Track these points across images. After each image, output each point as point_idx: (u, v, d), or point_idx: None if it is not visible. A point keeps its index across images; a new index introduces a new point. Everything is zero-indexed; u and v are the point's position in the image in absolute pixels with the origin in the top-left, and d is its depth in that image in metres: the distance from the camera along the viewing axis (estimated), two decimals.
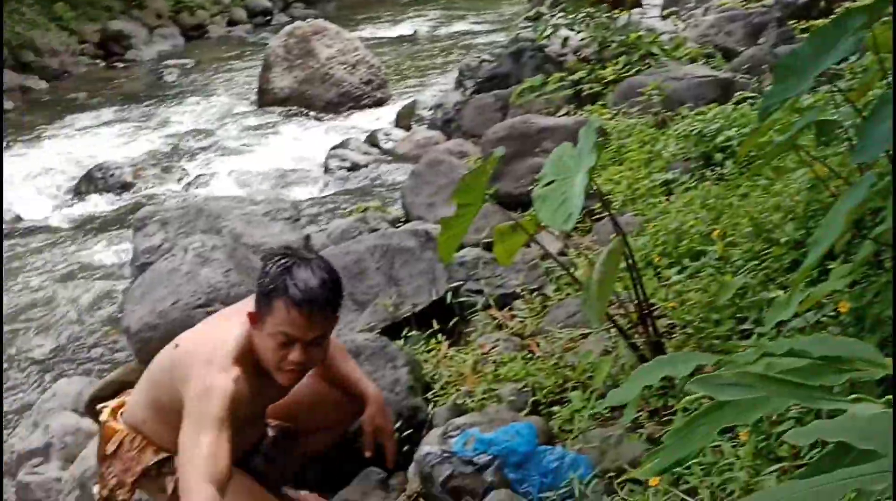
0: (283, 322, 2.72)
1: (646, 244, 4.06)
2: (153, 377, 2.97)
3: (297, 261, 2.77)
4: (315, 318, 2.73)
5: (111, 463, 2.99)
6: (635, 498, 2.59)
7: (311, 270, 2.75)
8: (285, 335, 2.73)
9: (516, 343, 3.94)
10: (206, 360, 2.74)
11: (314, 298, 2.71)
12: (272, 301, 2.72)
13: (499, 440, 3.02)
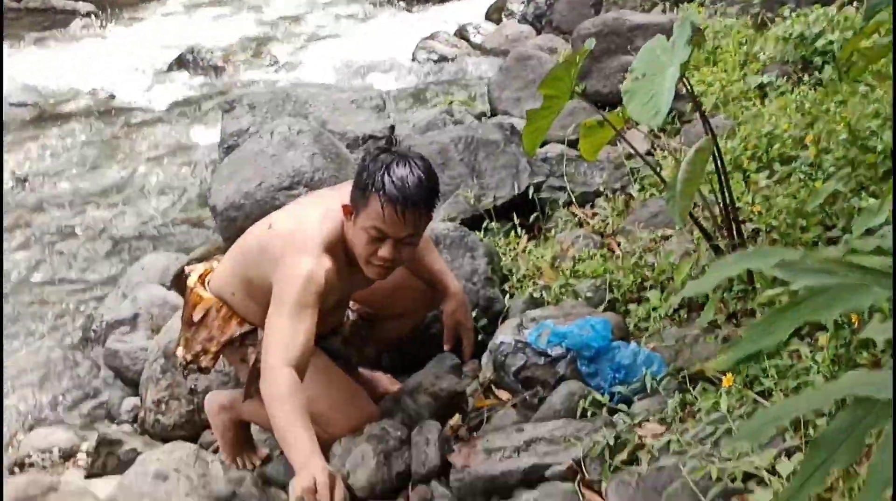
0: (376, 218, 2.73)
1: (735, 147, 3.97)
2: (244, 253, 3.01)
3: (398, 159, 2.77)
4: (409, 216, 2.73)
5: (197, 330, 3.07)
6: (707, 398, 2.59)
7: (409, 168, 2.75)
8: (378, 230, 2.74)
9: (596, 241, 3.92)
10: (299, 247, 2.77)
11: (410, 196, 2.72)
12: (368, 196, 2.73)
13: (573, 333, 3.04)
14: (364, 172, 2.77)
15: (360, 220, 2.77)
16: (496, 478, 2.62)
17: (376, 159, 2.78)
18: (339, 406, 2.95)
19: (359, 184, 2.78)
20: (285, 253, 2.79)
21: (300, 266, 2.73)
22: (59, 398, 4.18)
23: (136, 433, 3.75)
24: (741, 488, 2.07)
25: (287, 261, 2.76)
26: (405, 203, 2.71)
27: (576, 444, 2.62)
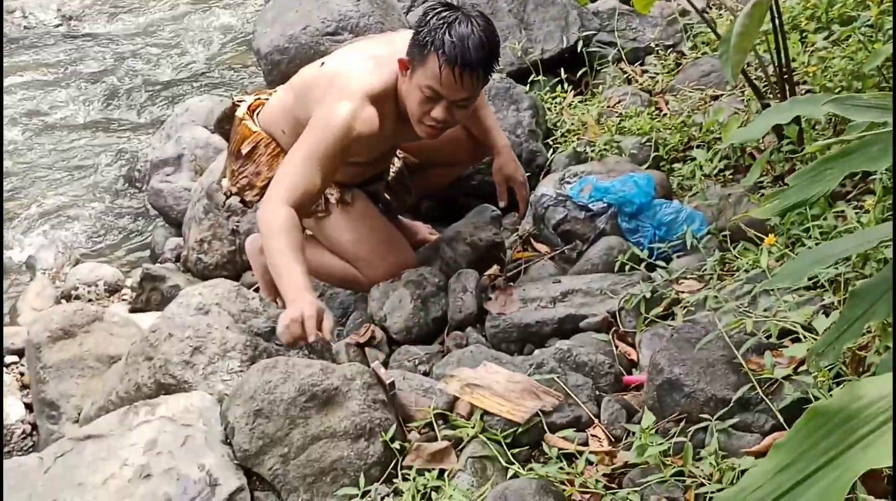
0: (433, 78, 2.62)
1: (794, 6, 3.82)
2: (295, 91, 2.95)
3: (460, 17, 2.62)
4: (466, 79, 2.62)
5: (244, 163, 3.05)
6: (748, 255, 2.58)
7: (471, 28, 2.60)
8: (433, 90, 2.64)
9: (644, 99, 3.84)
10: (342, 91, 2.71)
11: (469, 59, 2.59)
12: (426, 54, 2.61)
13: (616, 189, 3.02)
14: (424, 28, 2.63)
15: (416, 77, 2.66)
16: (531, 326, 2.65)
17: (438, 15, 2.64)
18: (378, 251, 2.98)
19: (418, 40, 2.64)
20: (327, 94, 2.73)
21: (336, 111, 2.68)
22: (104, 235, 4.27)
23: (178, 271, 3.82)
24: (776, 344, 2.08)
25: (326, 102, 2.72)
26: (464, 65, 2.59)
27: (612, 297, 2.63)
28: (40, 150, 4.94)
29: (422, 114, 2.70)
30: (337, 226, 3.03)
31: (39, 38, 6.22)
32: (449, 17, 2.62)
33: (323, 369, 2.26)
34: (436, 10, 2.66)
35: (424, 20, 2.66)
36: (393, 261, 2.99)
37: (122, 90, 5.51)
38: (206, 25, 6.23)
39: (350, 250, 3.02)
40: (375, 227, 3.04)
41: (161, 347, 2.54)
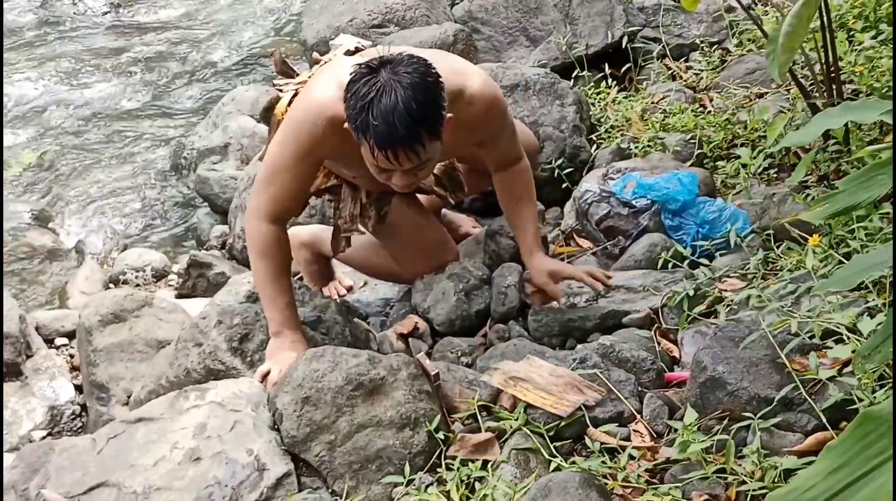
0: (374, 158, 2.38)
1: (842, 5, 3.81)
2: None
3: (381, 89, 2.26)
4: (402, 155, 2.33)
5: None
6: (791, 256, 2.59)
7: (395, 98, 2.25)
8: (378, 167, 2.42)
9: (688, 95, 3.84)
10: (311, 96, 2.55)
11: (399, 137, 2.28)
12: (358, 136, 2.34)
13: (659, 186, 3.03)
14: (352, 106, 2.32)
15: (363, 151, 2.41)
16: (573, 321, 2.67)
17: (357, 94, 2.30)
18: (421, 246, 3.01)
19: (349, 117, 2.35)
20: (307, 91, 2.58)
21: (294, 118, 2.55)
22: (151, 221, 4.34)
23: (224, 258, 3.88)
24: (819, 344, 2.09)
25: (296, 105, 2.60)
26: (395, 145, 2.30)
27: (654, 294, 2.65)
28: (88, 136, 5.03)
29: (384, 179, 2.48)
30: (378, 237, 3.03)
31: (88, 25, 6.31)
32: (369, 95, 2.28)
33: (370, 358, 2.31)
34: (355, 87, 2.32)
35: (351, 96, 2.33)
36: (435, 256, 3.02)
37: (169, 78, 5.58)
38: (255, 14, 6.29)
39: (388, 244, 3.05)
40: (415, 237, 2.99)
41: (210, 333, 2.59)
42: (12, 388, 3.11)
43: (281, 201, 2.57)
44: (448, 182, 3.08)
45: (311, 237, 3.25)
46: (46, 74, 5.65)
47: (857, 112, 1.44)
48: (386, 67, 2.30)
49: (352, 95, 2.31)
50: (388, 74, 2.28)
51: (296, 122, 2.53)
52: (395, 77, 2.27)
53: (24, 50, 5.96)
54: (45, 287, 3.88)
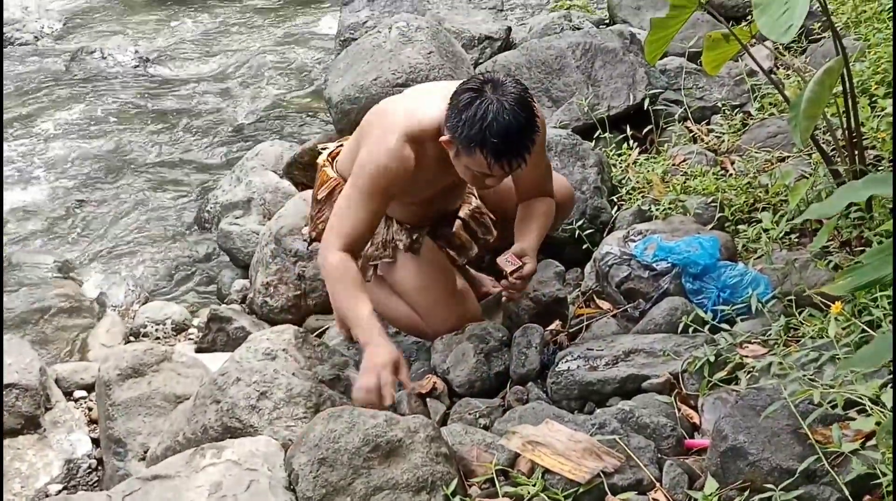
0: (482, 167, 2.65)
1: (864, 70, 3.82)
2: (359, 131, 3.00)
3: (495, 108, 2.56)
4: (515, 163, 2.65)
5: (322, 208, 3.13)
6: (813, 323, 2.57)
7: (511, 115, 2.56)
8: (484, 173, 2.70)
9: (710, 158, 3.85)
10: (383, 130, 2.77)
11: (514, 150, 2.61)
12: (471, 148, 2.61)
13: (680, 249, 3.02)
14: (462, 121, 2.59)
15: (464, 160, 2.68)
16: (592, 384, 2.65)
17: (469, 107, 2.58)
18: (442, 302, 3.02)
19: (458, 131, 2.61)
20: (370, 134, 2.82)
21: (372, 151, 2.76)
22: (173, 274, 4.37)
23: (244, 312, 3.90)
24: (842, 415, 2.06)
25: (368, 143, 2.81)
26: (511, 157, 2.62)
27: (675, 358, 2.63)
28: (113, 188, 5.09)
29: (477, 183, 2.84)
30: (404, 271, 3.08)
31: (117, 78, 6.42)
32: (481, 110, 2.57)
33: (387, 420, 2.30)
34: (468, 99, 2.61)
35: (457, 112, 2.62)
36: (457, 313, 3.02)
37: (194, 132, 5.66)
38: (280, 69, 6.39)
39: (415, 297, 3.06)
40: (441, 277, 3.07)
41: (229, 390, 2.60)
42: (30, 440, 3.11)
43: (353, 236, 2.78)
44: (477, 227, 3.20)
45: None
46: (74, 125, 5.74)
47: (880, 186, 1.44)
48: (489, 87, 2.61)
49: (463, 113, 2.59)
50: (496, 94, 2.59)
51: (370, 166, 2.74)
52: (504, 97, 2.58)
53: (52, 102, 6.07)
54: (66, 339, 3.90)
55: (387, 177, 2.73)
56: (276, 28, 7.15)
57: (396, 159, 2.72)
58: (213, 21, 7.38)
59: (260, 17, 7.41)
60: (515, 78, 2.72)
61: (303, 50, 6.65)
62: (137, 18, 7.54)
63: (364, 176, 2.75)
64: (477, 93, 2.61)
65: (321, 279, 3.59)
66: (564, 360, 2.74)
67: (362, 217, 2.77)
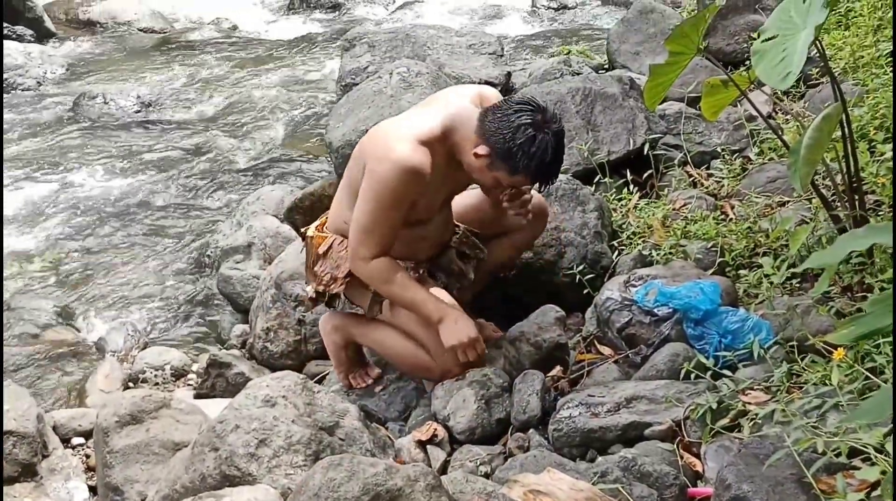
0: (517, 183, 2.90)
1: (862, 116, 3.84)
2: (349, 172, 3.07)
3: (546, 137, 2.79)
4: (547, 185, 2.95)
5: (323, 263, 3.16)
6: (816, 369, 2.55)
7: (556, 149, 2.83)
8: (512, 186, 2.93)
9: (710, 203, 3.86)
10: (392, 137, 2.88)
11: (553, 177, 2.91)
12: (514, 168, 2.82)
13: (681, 295, 3.02)
14: (516, 150, 2.78)
15: (498, 173, 2.87)
16: (594, 432, 2.64)
17: (527, 138, 2.78)
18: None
19: (507, 155, 2.80)
20: (377, 144, 2.91)
21: (388, 155, 2.83)
22: (172, 320, 4.35)
23: (243, 357, 3.88)
24: (846, 463, 2.05)
25: (378, 152, 2.87)
26: (549, 181, 2.92)
27: (677, 405, 2.62)
28: (114, 233, 5.09)
29: (494, 190, 3.01)
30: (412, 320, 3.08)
31: (119, 123, 6.45)
32: (541, 146, 2.79)
33: (387, 469, 2.27)
34: (524, 130, 2.79)
35: (511, 135, 2.78)
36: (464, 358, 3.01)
37: (195, 176, 5.67)
38: (281, 114, 6.42)
39: (422, 332, 3.06)
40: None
41: (227, 438, 2.58)
42: (27, 488, 3.08)
43: (382, 244, 2.95)
44: (469, 250, 3.29)
45: (344, 321, 3.29)
46: (76, 170, 5.76)
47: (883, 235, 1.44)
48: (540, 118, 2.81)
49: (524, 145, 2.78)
50: (548, 127, 2.81)
51: (388, 174, 2.82)
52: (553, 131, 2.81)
53: (54, 147, 6.09)
54: (64, 385, 3.87)
55: (406, 181, 2.83)
56: (277, 73, 7.21)
57: (415, 161, 2.82)
58: (214, 66, 7.45)
59: (261, 63, 7.48)
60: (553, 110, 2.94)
61: (304, 95, 6.70)
62: (139, 63, 7.60)
63: (382, 187, 2.84)
64: (534, 124, 2.79)
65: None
66: (566, 406, 2.73)
67: (389, 227, 2.92)
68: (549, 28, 7.93)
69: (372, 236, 2.92)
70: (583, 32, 7.68)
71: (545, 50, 7.08)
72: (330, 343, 3.32)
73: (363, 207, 2.91)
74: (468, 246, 3.31)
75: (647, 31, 5.86)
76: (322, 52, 7.60)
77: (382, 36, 5.86)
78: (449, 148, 2.92)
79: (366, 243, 2.93)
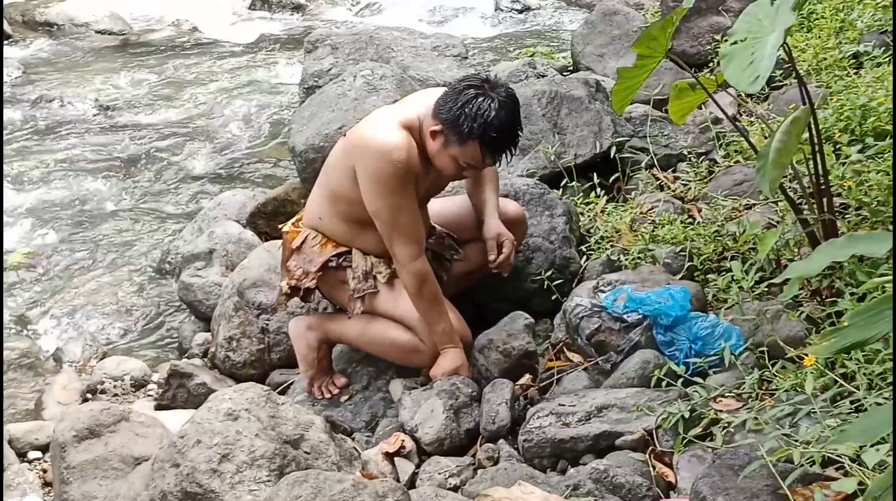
0: (472, 158, 2.91)
1: (827, 118, 3.83)
2: (326, 172, 3.17)
3: (494, 104, 2.84)
4: (503, 156, 2.97)
5: (296, 258, 3.19)
6: (787, 375, 2.53)
7: (506, 114, 2.86)
8: (471, 164, 2.93)
9: (677, 206, 3.84)
10: (376, 135, 2.91)
11: (508, 145, 2.93)
12: (466, 139, 2.86)
13: (651, 300, 2.99)
14: (459, 114, 2.84)
15: (452, 150, 2.90)
16: (565, 442, 2.59)
17: (472, 103, 2.84)
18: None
19: (454, 123, 2.85)
20: (362, 141, 2.94)
21: (380, 154, 2.87)
22: (132, 328, 4.26)
23: (205, 367, 3.80)
24: (821, 473, 2.02)
25: (365, 145, 2.91)
26: (504, 150, 2.93)
27: (648, 414, 2.58)
28: (72, 239, 4.97)
29: (454, 171, 3.00)
30: (390, 297, 3.11)
31: (76, 127, 6.32)
32: (483, 106, 2.84)
33: (354, 484, 2.22)
34: (468, 95, 2.86)
35: (458, 105, 2.86)
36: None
37: (155, 181, 5.57)
38: (243, 118, 6.32)
39: (409, 314, 3.08)
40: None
41: (189, 453, 2.51)
42: None
43: (419, 235, 3.00)
44: (444, 250, 3.30)
45: (319, 320, 3.30)
46: (32, 176, 5.63)
47: (863, 245, 1.41)
48: (487, 85, 2.89)
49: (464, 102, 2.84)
50: (495, 93, 2.87)
51: (386, 168, 2.88)
52: (500, 97, 2.87)
53: (10, 150, 5.95)
54: (21, 397, 3.76)
55: (405, 167, 2.88)
56: (238, 75, 7.10)
57: (405, 148, 2.88)
58: (175, 68, 7.33)
59: (222, 65, 7.36)
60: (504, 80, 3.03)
61: (266, 97, 6.60)
62: (98, 66, 7.46)
63: (386, 179, 2.88)
64: (478, 89, 2.87)
65: (285, 333, 3.52)
66: (536, 416, 2.69)
67: (412, 215, 2.96)
68: (513, 30, 7.90)
69: (400, 229, 2.95)
70: (546, 34, 7.65)
71: (509, 51, 7.04)
72: (302, 345, 3.28)
73: (376, 204, 2.94)
74: (444, 248, 3.31)
75: (611, 33, 5.84)
76: (284, 54, 7.50)
77: (346, 38, 5.77)
78: (422, 140, 2.96)
79: (397, 237, 2.96)
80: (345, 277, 3.14)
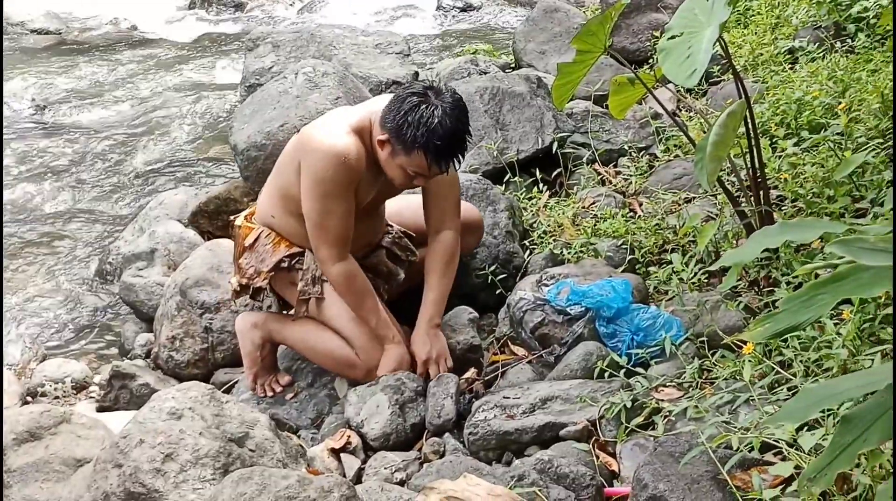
0: (419, 168, 2.86)
1: (763, 112, 3.91)
2: (278, 170, 3.13)
3: (437, 111, 2.79)
4: (451, 166, 2.91)
5: (248, 255, 3.18)
6: (726, 364, 2.58)
7: (450, 121, 2.80)
8: (418, 173, 2.89)
9: (618, 200, 3.88)
10: (324, 135, 2.90)
11: (454, 153, 2.86)
12: (411, 149, 2.81)
13: (593, 293, 3.02)
14: (403, 123, 2.80)
15: (400, 160, 2.86)
16: (510, 434, 2.61)
17: (415, 111, 2.79)
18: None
19: (401, 131, 2.81)
20: (310, 140, 2.93)
21: (325, 153, 2.85)
22: (73, 329, 4.20)
23: (148, 368, 3.75)
24: (759, 459, 2.06)
25: (312, 144, 2.90)
26: (450, 159, 2.86)
27: (592, 404, 2.61)
28: (10, 239, 4.89)
29: (404, 182, 2.96)
30: (339, 306, 3.09)
31: (12, 126, 6.21)
32: (426, 114, 2.79)
33: (300, 480, 2.21)
34: (411, 103, 2.82)
35: (401, 114, 2.81)
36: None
37: (94, 181, 5.49)
38: (184, 116, 6.26)
39: (350, 330, 3.07)
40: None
41: (131, 453, 2.48)
42: None
43: (343, 239, 2.96)
44: (400, 251, 3.31)
45: (264, 318, 3.27)
46: None
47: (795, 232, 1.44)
48: (432, 92, 2.83)
49: (408, 111, 2.79)
50: (439, 99, 2.81)
51: (328, 167, 2.86)
52: (445, 103, 2.82)
53: None
54: None
55: (347, 169, 2.86)
56: (178, 73, 7.04)
57: (352, 149, 2.86)
58: (113, 67, 7.24)
59: (161, 63, 7.29)
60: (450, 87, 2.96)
61: (207, 96, 6.54)
62: (35, 65, 7.34)
63: (325, 181, 2.86)
64: (421, 97, 2.82)
65: (229, 331, 3.52)
66: (481, 409, 2.70)
67: (342, 220, 2.92)
68: (456, 27, 7.93)
69: (326, 232, 2.93)
70: (488, 32, 7.69)
71: (452, 49, 7.06)
72: (246, 343, 3.26)
73: (309, 204, 2.93)
74: (400, 247, 3.33)
75: (552, 30, 5.89)
76: (225, 52, 7.45)
77: (287, 36, 5.75)
78: (373, 146, 2.94)
79: (322, 240, 2.95)
80: (296, 278, 3.13)
